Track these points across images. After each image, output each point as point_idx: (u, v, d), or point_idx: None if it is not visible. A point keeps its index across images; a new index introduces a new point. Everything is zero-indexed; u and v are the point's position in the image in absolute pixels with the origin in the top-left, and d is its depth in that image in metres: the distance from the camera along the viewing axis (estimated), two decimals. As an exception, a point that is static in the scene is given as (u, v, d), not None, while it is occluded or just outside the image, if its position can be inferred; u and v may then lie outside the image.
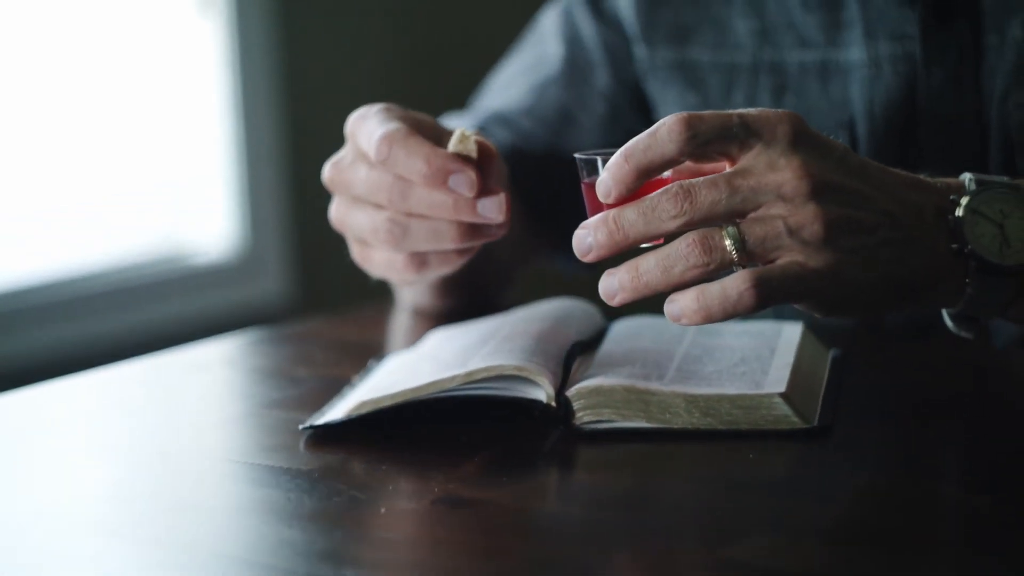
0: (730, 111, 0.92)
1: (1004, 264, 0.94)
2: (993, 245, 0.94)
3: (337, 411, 0.99)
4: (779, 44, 1.29)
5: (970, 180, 0.96)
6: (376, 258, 1.09)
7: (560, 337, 1.03)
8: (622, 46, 1.39)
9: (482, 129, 1.39)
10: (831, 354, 1.06)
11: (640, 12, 1.36)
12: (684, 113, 0.91)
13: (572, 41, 1.42)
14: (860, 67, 1.23)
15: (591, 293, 1.17)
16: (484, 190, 1.01)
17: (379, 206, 1.05)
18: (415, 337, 1.26)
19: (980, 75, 1.18)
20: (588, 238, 0.94)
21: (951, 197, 0.95)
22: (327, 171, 1.09)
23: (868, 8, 1.23)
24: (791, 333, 1.06)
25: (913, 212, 0.94)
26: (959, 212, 0.95)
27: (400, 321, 1.34)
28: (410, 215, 1.03)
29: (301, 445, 0.96)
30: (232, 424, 1.01)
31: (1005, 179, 0.97)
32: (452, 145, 1.02)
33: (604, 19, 1.40)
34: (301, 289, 2.71)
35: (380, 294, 1.32)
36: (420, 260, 1.07)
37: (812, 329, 1.09)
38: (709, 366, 1.00)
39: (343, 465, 0.94)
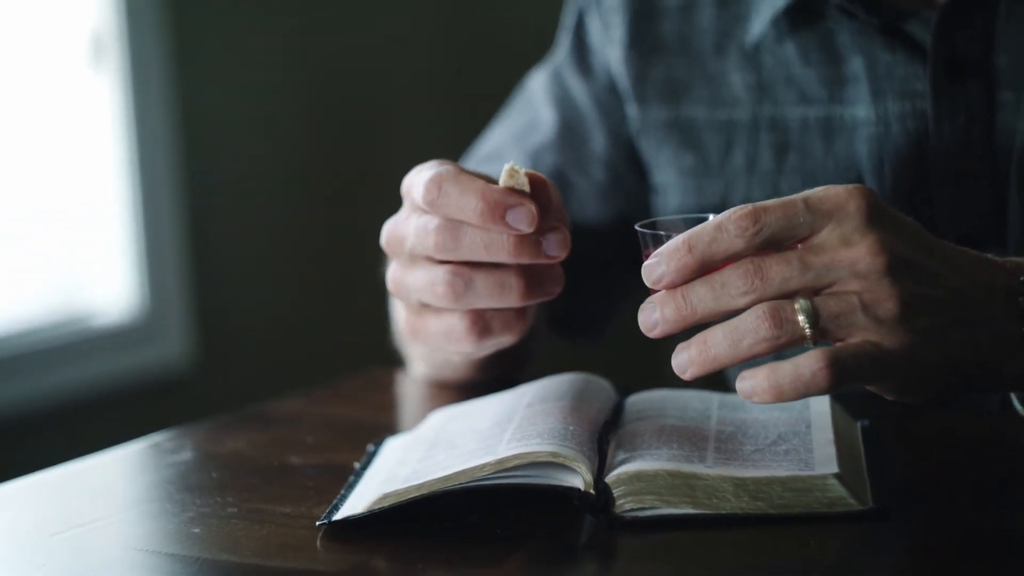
0: (795, 196, 0.89)
1: None
2: None
3: (354, 504, 0.93)
4: (779, 99, 1.25)
5: None
6: (432, 326, 1.00)
7: (584, 417, 0.98)
8: (615, 104, 1.35)
9: None
10: (859, 425, 1.02)
11: (631, 68, 1.32)
12: (750, 205, 0.88)
13: (564, 104, 1.37)
14: (867, 124, 1.20)
15: (581, 365, 1.13)
16: (544, 227, 0.96)
17: (434, 260, 0.98)
18: (410, 416, 1.21)
19: (993, 132, 1.15)
20: (655, 313, 0.90)
21: (1021, 278, 0.92)
22: (384, 231, 1.02)
23: (875, 64, 1.19)
24: (820, 405, 1.02)
25: (983, 292, 0.91)
26: None
27: (386, 397, 1.28)
28: (468, 266, 0.97)
29: (318, 543, 0.90)
30: (240, 523, 0.94)
31: None
32: (502, 181, 0.96)
33: (594, 76, 1.36)
34: (203, 350, 2.63)
35: (290, 362, 1.26)
36: (483, 325, 0.99)
37: (837, 399, 1.04)
38: (747, 445, 0.95)
39: (368, 563, 0.88)
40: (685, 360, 0.90)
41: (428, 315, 1.01)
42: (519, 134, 1.38)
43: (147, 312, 2.57)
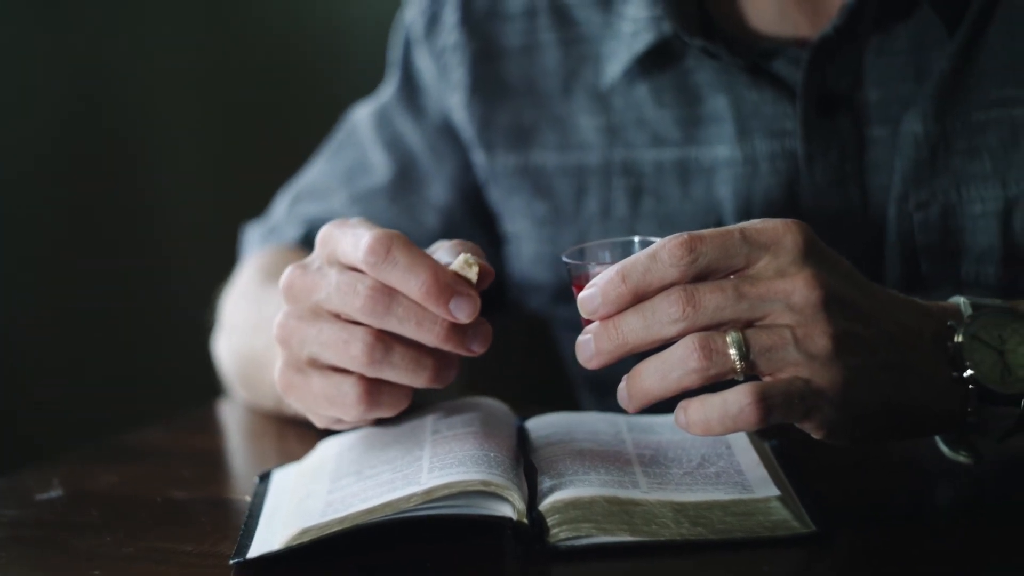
0: (731, 227, 0.87)
1: (1006, 393, 0.90)
2: (994, 373, 0.90)
3: (266, 540, 0.88)
4: (630, 142, 1.22)
5: (965, 304, 0.93)
6: (316, 386, 0.94)
7: (500, 443, 0.93)
8: (452, 150, 1.30)
9: (306, 236, 1.29)
10: (767, 446, 1.00)
11: (474, 113, 1.28)
12: (685, 235, 0.86)
13: (395, 148, 1.32)
14: (731, 165, 1.18)
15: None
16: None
17: (345, 319, 0.92)
18: (276, 446, 1.15)
19: (865, 170, 1.14)
20: (590, 345, 0.87)
21: (948, 323, 0.91)
22: (287, 275, 0.95)
23: (740, 103, 1.17)
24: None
25: (912, 336, 0.90)
26: (958, 338, 0.91)
27: (242, 426, 1.22)
28: (388, 335, 0.91)
29: (233, 583, 0.84)
30: (144, 564, 0.87)
31: (998, 302, 0.94)
32: (456, 267, 0.92)
33: (426, 117, 1.31)
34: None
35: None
36: (375, 396, 0.93)
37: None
38: (674, 468, 0.92)
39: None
40: (624, 395, 0.88)
41: (313, 373, 0.95)
42: (346, 174, 1.33)
43: None
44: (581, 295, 0.88)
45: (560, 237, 1.25)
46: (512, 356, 1.59)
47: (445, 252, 0.94)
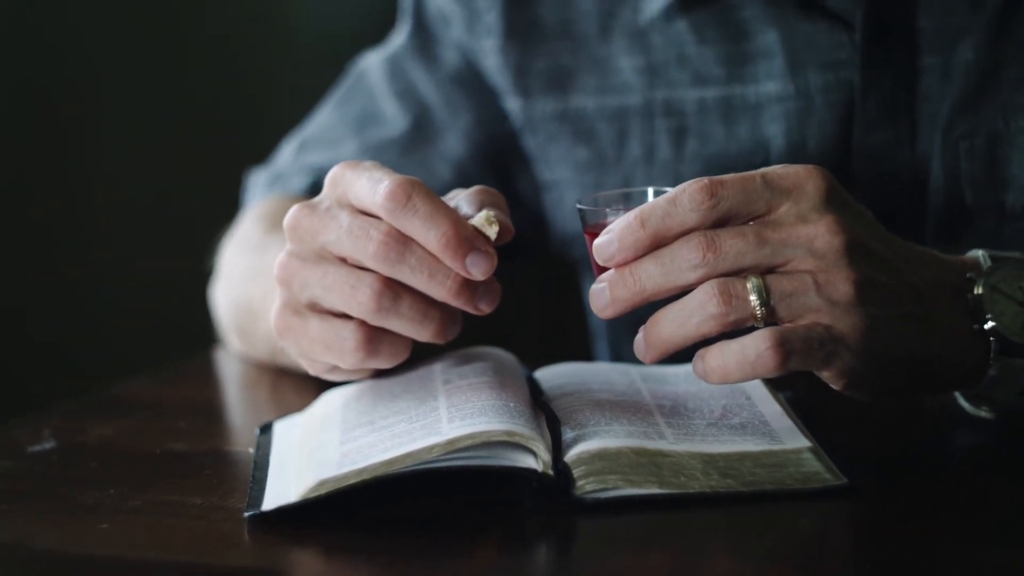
0: (752, 172, 0.85)
1: None
2: (1015, 324, 0.89)
3: (280, 492, 0.85)
4: (672, 82, 1.19)
5: (984, 256, 0.91)
6: (315, 330, 0.91)
7: (517, 393, 0.91)
8: (468, 101, 1.27)
9: (313, 186, 1.25)
10: (783, 397, 0.98)
11: (508, 60, 1.25)
12: (705, 179, 0.84)
13: (409, 99, 1.29)
14: (782, 101, 1.15)
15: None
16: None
17: (351, 264, 0.89)
18: (270, 396, 1.12)
19: (915, 99, 1.12)
20: (605, 294, 0.85)
21: (967, 275, 0.90)
22: (292, 213, 0.91)
23: (791, 37, 1.14)
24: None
25: (934, 289, 0.88)
26: (978, 290, 0.89)
27: (229, 377, 1.19)
28: (397, 284, 0.89)
29: (246, 535, 0.82)
30: (152, 518, 0.84)
31: (1017, 254, 0.92)
32: (477, 222, 0.89)
33: (440, 67, 1.28)
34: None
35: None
36: (374, 345, 0.91)
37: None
38: (697, 420, 0.90)
39: (308, 556, 0.80)
40: (641, 345, 0.86)
41: (312, 317, 0.92)
42: (356, 123, 1.30)
43: None
44: (597, 241, 0.86)
45: (603, 183, 1.23)
46: (519, 308, 1.57)
47: (464, 202, 0.92)
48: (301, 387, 1.05)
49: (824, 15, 1.14)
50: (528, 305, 1.55)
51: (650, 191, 0.93)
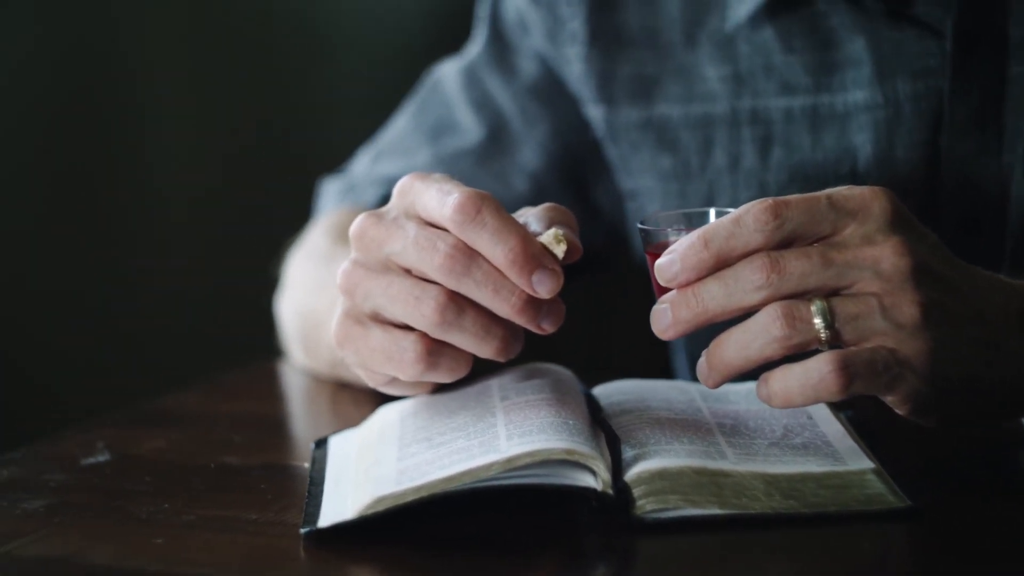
0: (817, 193, 0.84)
1: None
2: None
3: (336, 509, 0.84)
4: (758, 90, 1.18)
5: None
6: (375, 340, 0.90)
7: (576, 411, 0.90)
8: (547, 115, 1.26)
9: (385, 198, 1.25)
10: (845, 417, 0.96)
11: (593, 68, 1.24)
12: (770, 199, 0.83)
13: (485, 109, 1.28)
14: (870, 109, 1.14)
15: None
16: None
17: (415, 275, 0.89)
18: (325, 410, 1.11)
19: (1003, 109, 1.11)
20: (667, 315, 0.84)
21: None
22: (359, 222, 0.90)
23: (879, 44, 1.13)
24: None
25: (999, 313, 0.86)
26: None
27: (284, 390, 1.18)
28: (462, 297, 0.88)
29: (302, 551, 0.81)
30: (207, 533, 0.83)
31: None
32: (545, 240, 0.88)
33: (519, 82, 1.27)
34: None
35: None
36: (435, 357, 0.89)
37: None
38: (759, 439, 0.89)
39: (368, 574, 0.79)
40: (704, 369, 0.85)
41: (374, 327, 0.91)
42: (431, 132, 1.29)
43: None
44: (659, 261, 0.85)
45: (687, 192, 1.22)
46: (598, 319, 1.56)
47: (534, 219, 0.91)
48: (360, 401, 1.04)
49: (912, 23, 1.13)
50: (606, 316, 1.54)
51: (712, 211, 0.92)
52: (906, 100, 1.13)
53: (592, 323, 1.55)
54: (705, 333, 0.86)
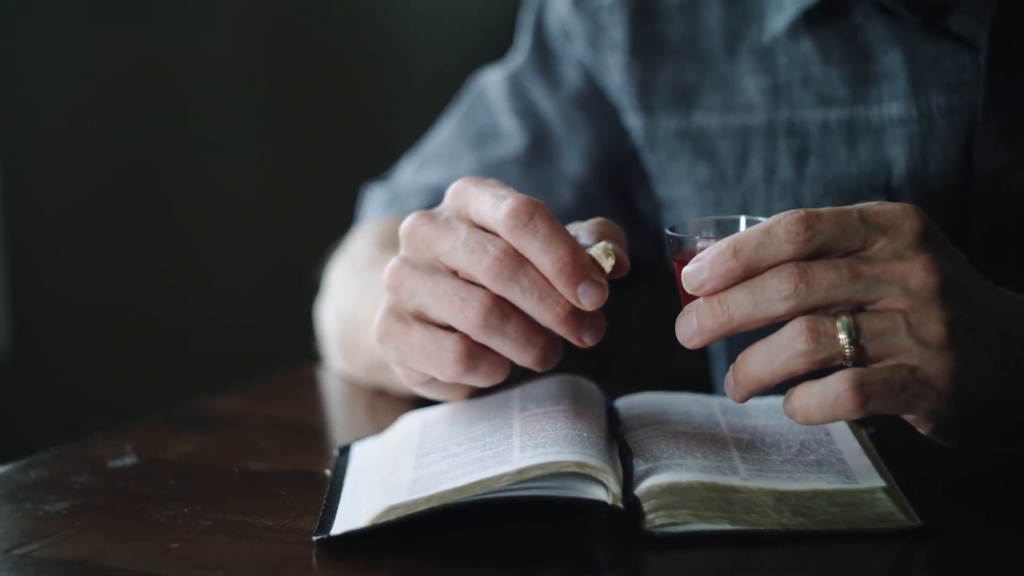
0: (848, 207, 0.84)
1: None
2: None
3: (350, 516, 0.85)
4: (796, 102, 1.18)
5: None
6: (417, 337, 0.91)
7: (593, 423, 0.90)
8: (589, 119, 1.26)
9: (429, 208, 1.26)
10: (866, 433, 0.96)
11: (633, 76, 1.24)
12: (802, 211, 0.83)
13: (529, 117, 1.29)
14: (905, 123, 1.13)
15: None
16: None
17: (462, 277, 0.90)
18: (358, 417, 1.12)
19: None
20: (692, 323, 0.84)
21: None
22: (410, 220, 0.92)
23: (915, 58, 1.13)
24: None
25: None
26: None
27: (322, 395, 1.19)
28: (506, 303, 0.89)
29: (314, 559, 0.82)
30: (222, 538, 0.84)
31: None
32: (594, 252, 0.89)
33: (561, 86, 1.28)
34: (17, 342, 2.48)
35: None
36: (475, 359, 0.90)
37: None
38: (774, 455, 0.89)
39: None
40: (731, 384, 0.85)
41: (416, 324, 0.92)
42: (475, 140, 1.30)
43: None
44: (687, 269, 0.85)
45: (723, 201, 1.22)
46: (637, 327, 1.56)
47: (584, 232, 0.91)
48: (398, 408, 1.04)
49: (948, 36, 1.12)
50: (645, 325, 1.54)
51: (742, 220, 0.92)
52: (940, 114, 1.12)
53: (631, 332, 1.55)
54: (745, 341, 0.86)
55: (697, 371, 1.36)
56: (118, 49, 2.59)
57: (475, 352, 0.90)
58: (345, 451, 0.98)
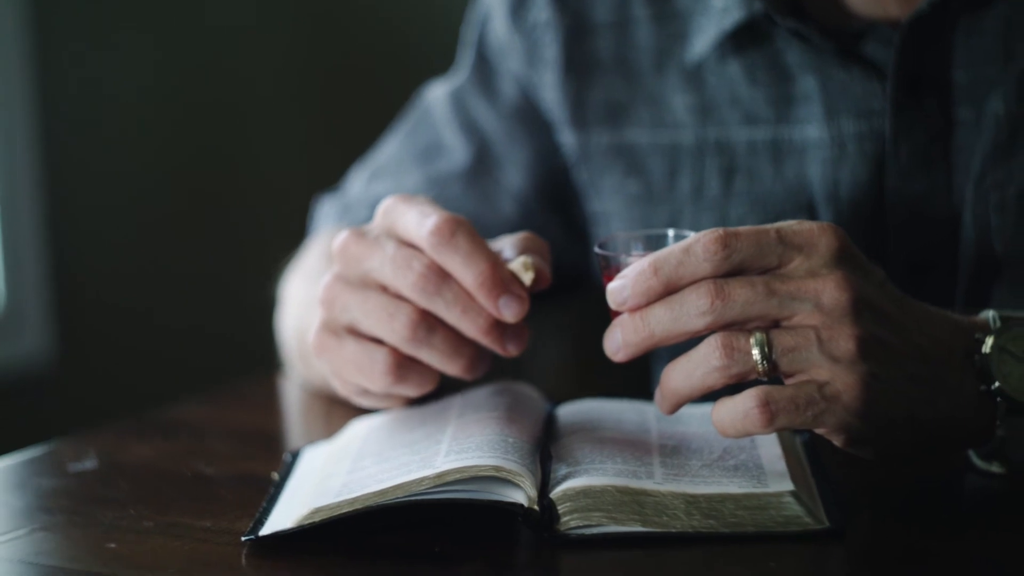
0: (767, 225, 0.86)
1: None
2: (1022, 385, 0.89)
3: (280, 518, 0.88)
4: (724, 121, 1.20)
5: (994, 317, 0.91)
6: (349, 351, 0.95)
7: (522, 428, 0.93)
8: (528, 134, 1.29)
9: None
10: (799, 440, 0.99)
11: (567, 93, 1.26)
12: (720, 230, 0.85)
13: (471, 131, 1.31)
14: (820, 146, 1.15)
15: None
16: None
17: (391, 292, 0.94)
18: (318, 424, 1.15)
19: (950, 151, 1.12)
20: (617, 337, 0.88)
21: (975, 336, 0.90)
22: (341, 238, 0.96)
23: (828, 83, 1.15)
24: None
25: (943, 350, 0.89)
26: (985, 350, 0.89)
27: (289, 403, 1.23)
28: (431, 316, 0.93)
29: (243, 559, 0.85)
30: (159, 539, 0.88)
31: None
32: (514, 267, 0.93)
33: (500, 100, 1.30)
34: (62, 345, 2.54)
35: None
36: (403, 371, 0.95)
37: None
38: (694, 460, 0.91)
39: (300, 583, 0.83)
40: (658, 396, 0.89)
41: (348, 338, 0.96)
42: (420, 155, 1.32)
43: (5, 306, 2.47)
44: (610, 286, 0.88)
45: (651, 216, 1.24)
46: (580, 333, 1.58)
47: (509, 246, 0.96)
48: (354, 415, 1.07)
49: (860, 63, 1.14)
50: (592, 334, 1.56)
51: (670, 234, 0.95)
52: (850, 139, 1.14)
53: (576, 341, 1.57)
54: (679, 351, 0.89)
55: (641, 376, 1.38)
56: (169, 50, 2.64)
57: (404, 364, 0.94)
58: (296, 456, 1.01)
